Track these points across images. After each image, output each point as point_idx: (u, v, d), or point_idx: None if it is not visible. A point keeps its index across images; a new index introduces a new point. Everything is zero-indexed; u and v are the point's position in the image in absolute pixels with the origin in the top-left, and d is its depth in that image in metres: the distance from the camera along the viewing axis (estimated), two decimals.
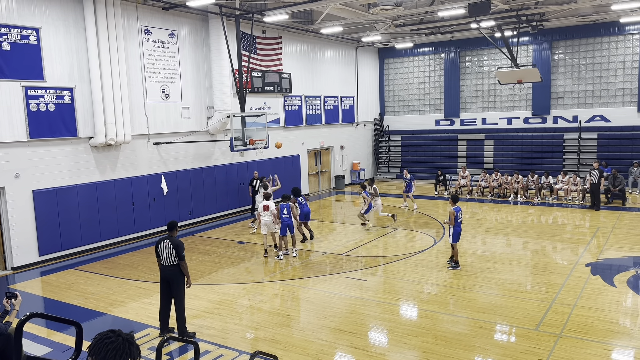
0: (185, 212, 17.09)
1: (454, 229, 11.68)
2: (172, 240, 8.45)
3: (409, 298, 10.15)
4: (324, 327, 8.66)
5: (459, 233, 11.73)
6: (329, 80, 24.35)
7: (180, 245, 8.42)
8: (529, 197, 20.44)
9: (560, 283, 10.42)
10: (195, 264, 12.85)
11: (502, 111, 25.31)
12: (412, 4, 18.10)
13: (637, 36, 21.86)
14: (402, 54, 27.53)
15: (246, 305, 9.94)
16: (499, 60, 24.35)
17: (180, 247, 8.40)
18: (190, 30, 17.15)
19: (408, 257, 12.82)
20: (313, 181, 24.04)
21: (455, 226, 11.65)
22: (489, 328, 8.47)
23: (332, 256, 13.21)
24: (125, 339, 2.52)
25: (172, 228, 8.61)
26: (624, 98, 22.53)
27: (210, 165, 18.05)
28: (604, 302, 9.36)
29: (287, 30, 21.05)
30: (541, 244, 13.93)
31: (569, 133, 23.42)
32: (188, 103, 17.17)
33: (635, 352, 7.51)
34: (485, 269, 11.68)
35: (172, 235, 8.55)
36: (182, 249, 8.42)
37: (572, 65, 23.49)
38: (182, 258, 8.40)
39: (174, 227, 8.63)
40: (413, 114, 27.87)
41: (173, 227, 8.62)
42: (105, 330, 2.55)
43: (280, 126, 21.39)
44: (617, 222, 16.04)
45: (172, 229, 8.60)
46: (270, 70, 20.51)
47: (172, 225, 8.64)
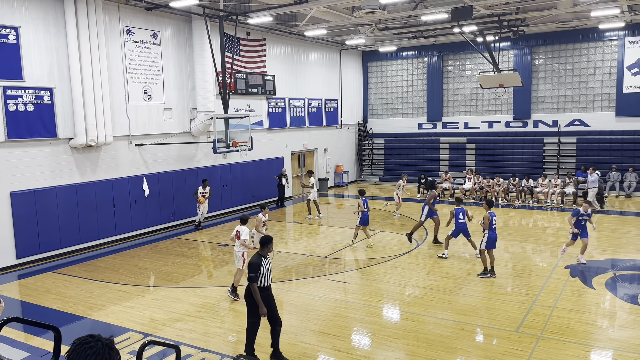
0: (167, 214, 16.92)
1: (489, 235, 11.18)
2: (253, 256, 7.47)
3: (392, 300, 10.19)
4: (306, 330, 8.64)
5: (494, 240, 11.21)
6: (313, 83, 24.37)
7: (251, 265, 7.35)
8: (510, 200, 20.69)
9: (541, 285, 10.55)
10: (177, 266, 12.73)
11: (484, 115, 25.60)
12: (396, 8, 18.21)
13: (615, 42, 22.31)
14: (385, 57, 27.68)
15: (228, 308, 9.87)
16: (481, 64, 24.63)
17: (250, 267, 7.35)
18: (173, 31, 17.02)
19: (391, 259, 12.87)
20: (297, 183, 24.00)
21: (489, 232, 11.17)
22: (470, 330, 8.54)
23: (315, 259, 13.19)
24: (104, 344, 2.47)
25: (263, 245, 7.56)
26: (602, 103, 22.96)
27: (192, 167, 17.91)
28: (582, 304, 9.51)
29: (271, 32, 21.02)
30: (522, 246, 14.10)
31: (549, 137, 23.77)
32: (171, 104, 17.03)
33: (614, 354, 7.63)
34: (467, 270, 11.78)
35: (259, 250, 7.56)
36: (251, 269, 7.34)
37: (552, 70, 23.87)
38: (248, 279, 7.35)
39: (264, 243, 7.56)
40: (396, 117, 28.03)
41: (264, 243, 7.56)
42: (84, 335, 2.50)
43: (263, 128, 21.33)
44: (596, 225, 16.29)
45: (262, 245, 7.56)
46: (254, 72, 20.44)
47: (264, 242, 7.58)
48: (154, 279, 11.95)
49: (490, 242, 11.22)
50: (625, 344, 7.89)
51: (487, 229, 11.23)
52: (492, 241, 11.22)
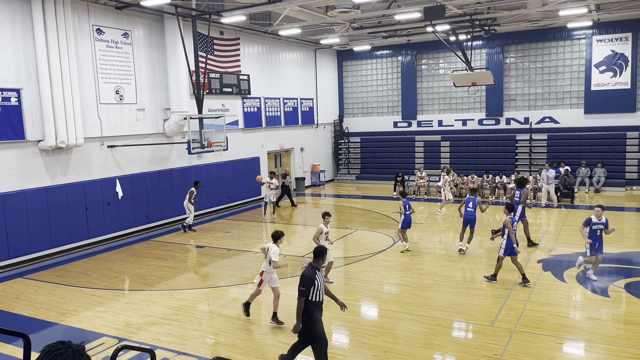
0: (141, 216, 16.67)
1: (507, 241, 10.45)
2: (306, 269, 6.87)
3: (369, 298, 10.24)
4: (284, 329, 8.62)
5: (512, 246, 10.41)
6: (288, 82, 24.31)
7: (304, 278, 6.71)
8: (483, 196, 21.00)
9: (514, 280, 10.74)
10: (152, 269, 12.55)
11: (458, 113, 25.94)
12: (370, 7, 18.30)
13: (583, 41, 22.85)
14: (360, 56, 27.80)
15: (205, 310, 9.77)
16: (454, 63, 24.94)
17: (303, 280, 6.71)
18: (145, 30, 16.76)
19: (368, 257, 12.93)
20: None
21: (507, 239, 10.43)
22: (446, 326, 8.64)
23: (293, 258, 13.17)
24: (75, 350, 2.42)
25: (317, 256, 6.90)
26: (572, 100, 23.50)
27: (167, 168, 17.68)
28: (555, 297, 9.72)
29: (245, 32, 20.89)
30: (496, 242, 14.30)
31: (521, 134, 24.23)
32: (143, 105, 16.77)
33: (586, 345, 7.82)
34: (443, 267, 11.92)
35: (312, 262, 6.95)
36: (304, 282, 6.69)
37: (523, 68, 24.32)
38: (299, 293, 6.71)
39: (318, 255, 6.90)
40: (372, 116, 28.18)
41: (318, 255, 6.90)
42: (54, 342, 2.44)
43: (239, 128, 21.19)
44: (567, 219, 16.69)
45: (316, 257, 6.92)
46: (228, 71, 20.29)
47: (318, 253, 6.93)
48: (129, 282, 11.76)
49: (509, 249, 10.44)
50: (596, 335, 8.09)
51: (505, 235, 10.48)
52: (512, 247, 10.41)
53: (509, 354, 7.45)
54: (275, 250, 8.84)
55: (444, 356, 7.65)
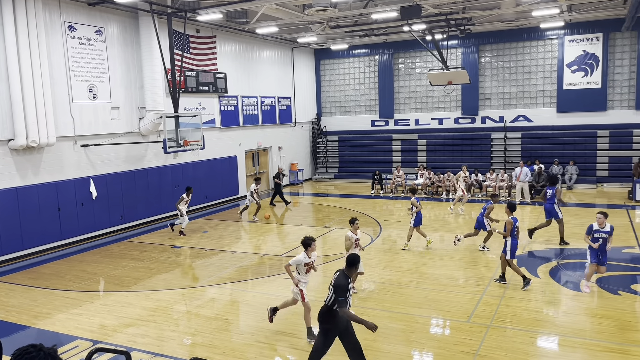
0: (116, 216, 16.40)
1: (511, 242, 10.18)
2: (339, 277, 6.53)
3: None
4: (263, 329, 8.58)
5: (516, 246, 10.24)
6: (265, 81, 24.21)
7: (341, 288, 6.37)
8: None
9: (490, 276, 10.91)
10: (128, 270, 12.36)
11: (434, 112, 26.20)
12: (347, 6, 18.34)
13: (555, 41, 23.32)
14: (337, 55, 27.85)
15: (183, 311, 9.67)
16: (430, 62, 25.18)
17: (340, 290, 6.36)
18: (119, 27, 16.48)
19: (346, 255, 12.94)
20: (251, 182, 23.75)
21: (512, 239, 10.19)
22: (424, 322, 8.72)
23: (271, 258, 13.13)
24: (47, 354, 2.37)
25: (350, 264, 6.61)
26: (545, 99, 23.96)
27: (142, 168, 17.42)
28: (529, 293, 9.89)
29: (221, 30, 20.72)
30: (472, 238, 14.51)
31: (496, 132, 24.60)
32: (118, 103, 16.49)
33: (559, 339, 7.99)
34: (420, 264, 12.03)
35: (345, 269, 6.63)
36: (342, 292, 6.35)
37: (497, 68, 24.70)
38: (340, 304, 6.34)
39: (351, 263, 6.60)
40: (349, 114, 28.26)
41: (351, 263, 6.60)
42: (25, 345, 2.39)
43: (216, 127, 21.02)
44: (540, 216, 17.00)
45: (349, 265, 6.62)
46: (204, 69, 20.10)
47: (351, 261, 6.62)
48: (104, 283, 11.56)
49: (514, 251, 10.18)
50: (569, 329, 8.27)
51: (509, 236, 10.23)
52: (515, 249, 10.20)
53: (485, 349, 7.56)
54: (298, 257, 8.22)
55: (422, 352, 7.72)
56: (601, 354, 7.35)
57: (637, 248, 12.84)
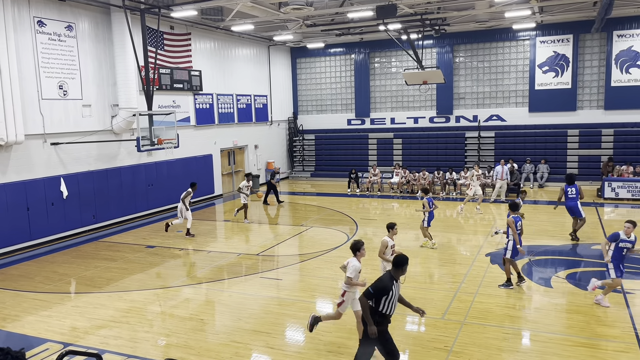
0: (88, 216, 16.07)
1: (513, 242, 10.03)
2: (382, 276, 6.47)
3: (324, 295, 10.28)
4: (239, 329, 8.53)
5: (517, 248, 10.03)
6: (241, 79, 24.04)
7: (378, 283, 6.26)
8: (435, 192, 21.49)
9: (464, 273, 11.06)
10: (100, 271, 12.13)
11: (410, 111, 26.42)
12: (323, 5, 18.34)
13: (527, 42, 23.75)
14: (313, 53, 27.84)
15: (157, 311, 9.54)
16: (406, 62, 25.37)
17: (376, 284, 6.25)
18: (91, 23, 16.14)
19: (322, 254, 12.98)
20: (227, 181, 23.62)
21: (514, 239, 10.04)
22: (400, 320, 8.78)
23: (247, 257, 13.05)
24: (14, 357, 2.31)
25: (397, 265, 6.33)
26: (517, 99, 24.40)
27: (115, 167, 17.11)
28: (502, 289, 10.06)
29: (196, 27, 20.49)
30: (447, 236, 14.71)
31: (470, 132, 24.95)
32: (89, 101, 16.16)
33: (530, 334, 8.15)
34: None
35: (392, 271, 6.40)
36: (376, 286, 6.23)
37: (471, 67, 25.04)
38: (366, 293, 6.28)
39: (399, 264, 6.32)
40: (326, 113, 28.28)
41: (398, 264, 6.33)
42: None
43: (190, 125, 20.78)
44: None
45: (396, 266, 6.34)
46: (179, 67, 19.85)
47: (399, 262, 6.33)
48: (75, 285, 11.32)
49: (516, 250, 10.03)
50: (540, 324, 8.45)
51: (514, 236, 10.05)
52: (517, 249, 10.02)
53: (459, 345, 7.67)
54: (354, 266, 7.64)
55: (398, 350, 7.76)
56: (571, 349, 7.52)
57: None
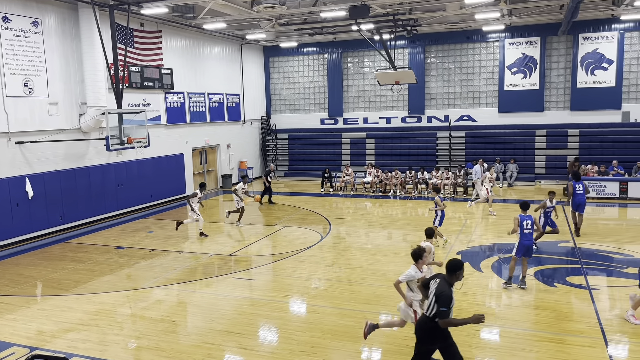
0: (55, 217, 15.67)
1: (520, 241, 10.04)
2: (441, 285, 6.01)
3: (297, 294, 10.26)
4: (211, 330, 8.44)
5: (525, 247, 10.02)
6: (213, 77, 23.80)
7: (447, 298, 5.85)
8: (407, 191, 21.72)
9: (436, 271, 11.17)
10: (68, 273, 11.83)
11: (382, 111, 26.61)
12: (296, 4, 18.31)
13: (497, 43, 24.21)
14: (287, 53, 27.76)
15: (127, 314, 9.36)
16: (378, 62, 25.54)
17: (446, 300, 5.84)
18: (58, 19, 15.72)
19: (296, 253, 12.96)
20: (199, 180, 23.31)
21: (521, 237, 10.04)
22: (373, 318, 8.80)
23: (220, 257, 12.93)
24: None
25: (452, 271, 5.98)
26: (487, 100, 24.84)
27: (83, 166, 16.72)
28: (472, 286, 10.24)
29: (167, 24, 20.18)
30: (419, 235, 14.80)
31: (441, 131, 25.28)
32: (56, 99, 15.75)
33: (500, 331, 8.30)
34: (369, 261, 12.19)
35: (447, 277, 6.04)
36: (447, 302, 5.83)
37: (443, 68, 25.37)
38: (442, 315, 5.85)
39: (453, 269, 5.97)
40: (299, 112, 28.25)
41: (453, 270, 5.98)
42: None
43: (161, 124, 20.46)
44: (483, 212, 17.64)
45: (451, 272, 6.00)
46: (149, 65, 19.51)
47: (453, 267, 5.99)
48: (42, 287, 11.01)
49: (521, 249, 10.04)
50: (509, 320, 8.62)
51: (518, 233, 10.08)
52: (524, 248, 10.04)
53: None
54: (409, 273, 7.38)
55: (370, 348, 7.83)
56: (539, 344, 7.70)
57: (572, 242, 13.54)
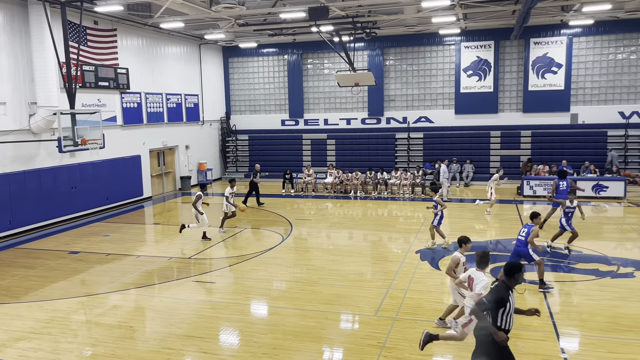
0: (4, 221, 15.00)
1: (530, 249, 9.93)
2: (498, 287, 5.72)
3: (259, 296, 10.20)
4: (170, 335, 8.29)
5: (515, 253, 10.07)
6: (171, 77, 23.36)
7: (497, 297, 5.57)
8: (367, 192, 21.94)
9: (395, 270, 11.37)
10: (18, 279, 11.36)
11: (342, 112, 26.81)
12: (255, 4, 18.20)
13: (453, 47, 24.79)
14: (246, 53, 27.57)
15: (82, 320, 9.06)
16: (338, 63, 25.66)
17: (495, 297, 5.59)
18: (5, 16, 15.07)
19: (257, 255, 12.88)
20: (156, 183, 22.85)
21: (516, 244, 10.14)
22: (334, 318, 8.89)
23: (179, 260, 12.70)
24: None
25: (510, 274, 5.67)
26: (444, 102, 25.41)
27: (34, 169, 16.08)
28: (431, 285, 10.45)
29: (123, 23, 19.68)
30: (379, 235, 15.05)
31: (400, 133, 25.69)
32: (4, 98, 15.09)
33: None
34: (330, 261, 12.25)
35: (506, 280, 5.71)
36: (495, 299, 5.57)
37: (401, 70, 25.79)
38: (483, 303, 5.66)
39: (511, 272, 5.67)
40: (259, 113, 28.09)
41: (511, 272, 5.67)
42: None
43: (117, 125, 19.92)
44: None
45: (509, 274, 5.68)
46: (104, 64, 18.97)
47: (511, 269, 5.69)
48: None
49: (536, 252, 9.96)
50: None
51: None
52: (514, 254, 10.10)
53: (391, 341, 7.87)
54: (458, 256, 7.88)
55: (332, 348, 7.87)
56: None
57: None
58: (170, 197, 22.60)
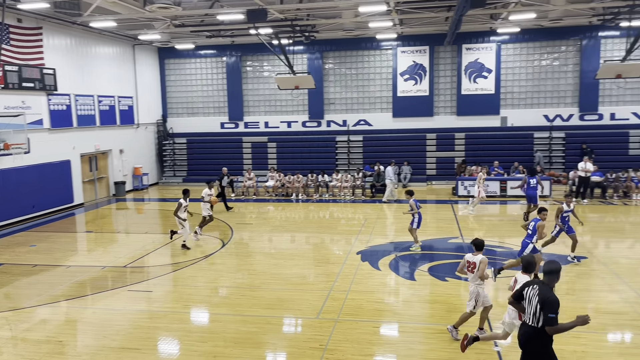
0: None
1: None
2: (543, 290, 5.56)
3: (198, 304, 9.96)
4: (104, 347, 7.92)
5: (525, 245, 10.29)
6: (103, 79, 22.41)
7: (554, 303, 5.41)
8: (309, 195, 21.99)
9: (337, 272, 11.44)
10: None
11: (283, 115, 26.75)
12: (192, 5, 17.82)
13: (390, 51, 25.37)
14: (183, 55, 26.93)
15: (7, 337, 8.48)
16: (278, 66, 25.59)
17: (554, 305, 5.41)
18: None
19: (197, 262, 12.58)
20: (89, 189, 21.82)
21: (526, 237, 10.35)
22: (276, 323, 8.82)
23: (113, 269, 12.17)
24: None
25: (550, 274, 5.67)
26: (382, 105, 25.94)
27: None
28: (371, 285, 10.60)
29: (49, 21, 18.66)
30: (321, 237, 15.12)
31: (340, 135, 25.97)
32: None
33: (399, 326, 8.67)
34: (272, 265, 12.15)
35: (545, 280, 5.69)
36: (555, 307, 5.41)
37: (340, 74, 26.09)
38: (552, 322, 5.38)
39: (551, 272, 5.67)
40: (198, 116, 27.51)
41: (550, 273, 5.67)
42: None
43: (44, 128, 18.85)
44: (380, 213, 18.37)
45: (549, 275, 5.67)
46: (28, 64, 17.91)
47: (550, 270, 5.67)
48: None
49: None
50: (406, 316, 9.04)
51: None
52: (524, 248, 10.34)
53: (333, 343, 7.90)
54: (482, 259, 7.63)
55: (275, 353, 7.80)
56: (433, 336, 8.15)
57: (461, 238, 14.53)
58: (103, 203, 21.66)
